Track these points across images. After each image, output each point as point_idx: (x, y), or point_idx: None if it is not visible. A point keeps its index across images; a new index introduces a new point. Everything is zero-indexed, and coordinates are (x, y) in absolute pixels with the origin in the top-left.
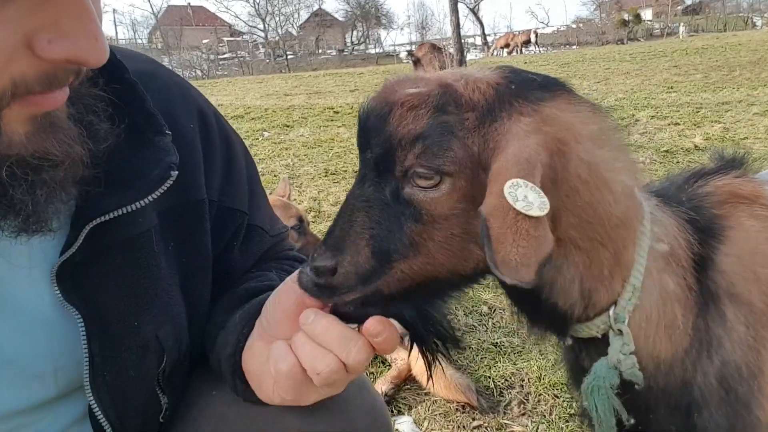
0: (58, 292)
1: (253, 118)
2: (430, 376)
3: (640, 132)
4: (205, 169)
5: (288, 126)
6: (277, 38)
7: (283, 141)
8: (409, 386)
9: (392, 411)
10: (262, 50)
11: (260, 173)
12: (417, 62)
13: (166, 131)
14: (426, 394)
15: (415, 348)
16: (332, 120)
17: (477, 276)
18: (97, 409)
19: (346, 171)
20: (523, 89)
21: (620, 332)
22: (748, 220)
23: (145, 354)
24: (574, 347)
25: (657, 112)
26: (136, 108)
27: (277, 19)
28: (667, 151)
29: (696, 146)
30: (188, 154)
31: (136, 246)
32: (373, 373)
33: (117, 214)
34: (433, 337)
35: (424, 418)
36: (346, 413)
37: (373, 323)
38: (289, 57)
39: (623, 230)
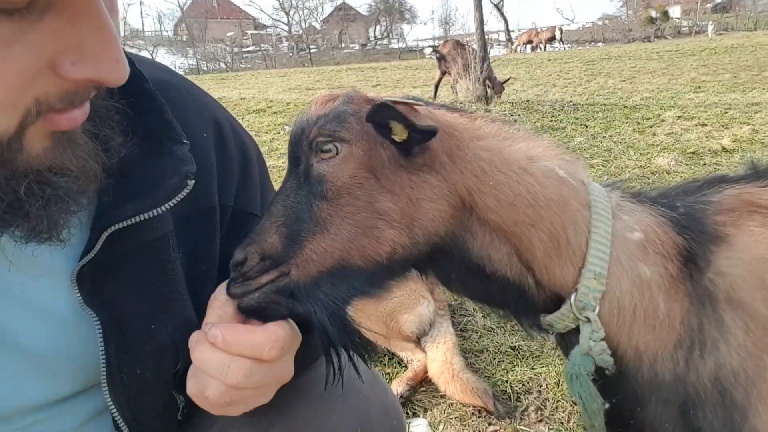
0: (78, 294)
1: (275, 112)
2: (333, 383)
3: (665, 133)
4: (220, 175)
5: None
6: (300, 32)
7: None
8: (425, 388)
9: (407, 413)
10: (285, 44)
11: (281, 168)
12: (441, 58)
13: (184, 141)
14: (442, 396)
15: (432, 350)
16: None
17: (397, 266)
18: (114, 408)
19: None
20: (418, 101)
21: (588, 320)
22: (759, 228)
23: (162, 357)
24: (562, 345)
25: (684, 113)
26: (155, 117)
27: (301, 12)
28: (693, 153)
29: (724, 148)
30: (200, 163)
31: (153, 251)
32: (389, 374)
33: (134, 221)
34: (345, 340)
35: (440, 421)
36: (359, 406)
37: (230, 332)
38: (312, 51)
39: (557, 210)
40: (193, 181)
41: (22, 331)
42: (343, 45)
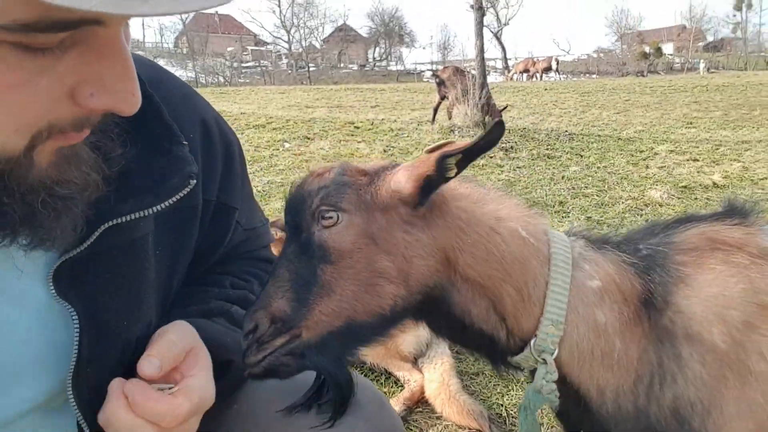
0: (52, 287)
1: (274, 128)
2: (332, 423)
3: (658, 166)
4: (205, 173)
5: (308, 138)
6: (300, 50)
7: (303, 153)
8: (421, 409)
9: None
10: (284, 61)
11: (279, 184)
12: (441, 83)
13: (183, 141)
14: (438, 417)
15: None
16: (353, 135)
17: (398, 315)
18: (73, 402)
19: None
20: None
21: (544, 361)
22: (720, 265)
23: (126, 353)
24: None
25: (676, 147)
26: (154, 119)
27: (302, 31)
28: (685, 187)
29: (715, 183)
30: None
31: (134, 249)
32: (386, 392)
33: (132, 217)
34: (352, 386)
35: None
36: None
37: (141, 396)
38: (311, 69)
39: (520, 268)
40: (195, 181)
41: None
42: (341, 65)
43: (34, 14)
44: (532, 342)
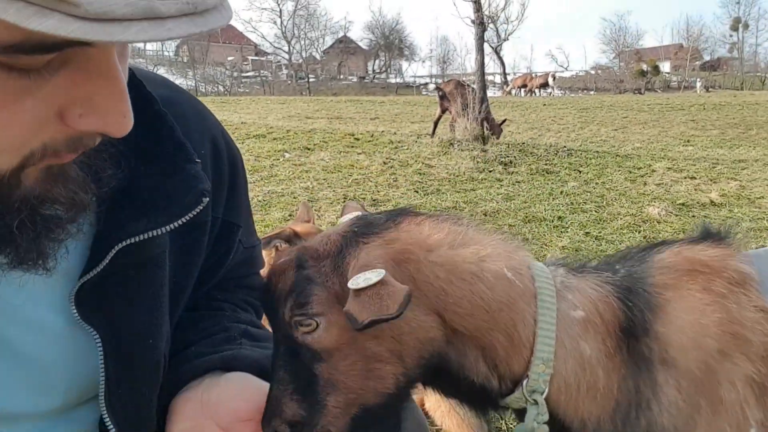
0: (74, 311)
1: (275, 138)
2: None
3: (656, 183)
4: (215, 188)
5: (309, 149)
6: (300, 61)
7: (304, 163)
8: None
9: None
10: (285, 71)
11: (280, 194)
12: (443, 97)
13: (196, 159)
14: (438, 430)
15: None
16: (352, 146)
17: (406, 388)
18: (110, 423)
19: (364, 198)
20: (366, 229)
21: (535, 402)
22: (698, 293)
23: (156, 371)
24: (519, 416)
25: (673, 165)
26: (167, 138)
27: (303, 42)
28: (683, 204)
29: (712, 201)
30: None
31: (151, 267)
32: None
33: (146, 236)
34: None
35: None
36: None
37: None
38: (310, 80)
39: (507, 312)
40: (208, 199)
41: (17, 341)
42: (341, 76)
43: (17, 37)
44: (524, 383)
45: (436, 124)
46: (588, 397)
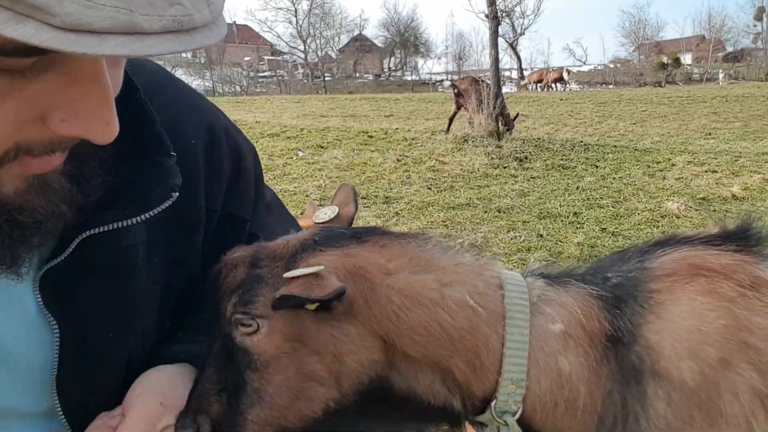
0: (39, 298)
1: (288, 137)
2: None
3: (676, 177)
4: (208, 182)
5: (322, 147)
6: (316, 60)
7: (317, 162)
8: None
9: None
10: (300, 70)
11: (293, 192)
12: (459, 94)
13: (171, 153)
14: None
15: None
16: (366, 144)
17: (332, 415)
18: (61, 411)
19: (377, 196)
20: (329, 240)
21: (506, 423)
22: (700, 296)
23: (117, 366)
24: None
25: (694, 158)
26: (145, 129)
27: (318, 41)
28: (703, 198)
29: (734, 195)
30: (188, 171)
31: (121, 260)
32: None
33: (110, 227)
34: None
35: None
36: None
37: None
38: (326, 79)
39: (470, 339)
40: (178, 194)
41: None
42: (357, 74)
43: None
44: (492, 404)
45: (451, 120)
46: (567, 415)
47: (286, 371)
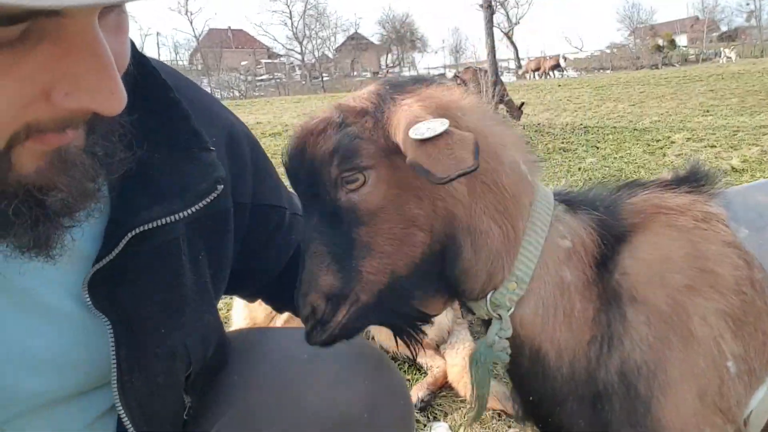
0: (87, 298)
1: (290, 136)
2: (415, 358)
3: (675, 154)
4: (234, 176)
5: None
6: (313, 60)
7: None
8: (445, 393)
9: (428, 417)
10: (298, 72)
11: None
12: (463, 83)
13: (211, 147)
14: (462, 401)
15: (452, 356)
16: None
17: (428, 265)
18: (122, 410)
19: None
20: (399, 87)
21: (500, 317)
22: (664, 229)
23: (173, 361)
24: (484, 330)
25: (693, 135)
26: (181, 125)
27: (314, 42)
28: None
29: (733, 168)
30: None
31: (165, 255)
32: (409, 380)
33: (159, 223)
34: (412, 333)
35: (460, 425)
36: (366, 389)
37: None
38: (324, 79)
39: (514, 205)
40: (222, 186)
41: (25, 329)
42: (355, 73)
43: None
44: (489, 295)
45: None
46: (564, 324)
47: (393, 218)
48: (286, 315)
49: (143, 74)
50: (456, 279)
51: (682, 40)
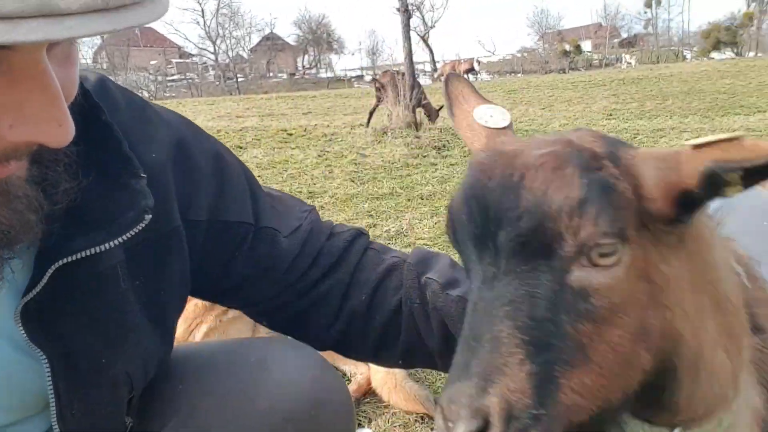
0: (22, 331)
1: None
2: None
3: None
4: (183, 194)
5: (241, 147)
6: (227, 61)
7: None
8: (369, 399)
9: None
10: (212, 72)
11: None
12: (381, 87)
13: (142, 174)
14: (386, 406)
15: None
16: (286, 142)
17: (638, 394)
18: None
19: (300, 192)
20: (613, 141)
21: None
22: None
23: (115, 390)
24: None
25: None
26: (113, 151)
27: (228, 42)
28: None
29: None
30: (155, 188)
31: (102, 284)
32: None
33: (85, 254)
34: None
35: (384, 430)
36: (312, 394)
37: None
38: (239, 80)
39: (737, 320)
40: (151, 216)
41: None
42: (271, 74)
43: None
44: (723, 420)
45: (371, 114)
46: None
47: (627, 324)
48: (205, 327)
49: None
50: (662, 409)
51: (586, 46)
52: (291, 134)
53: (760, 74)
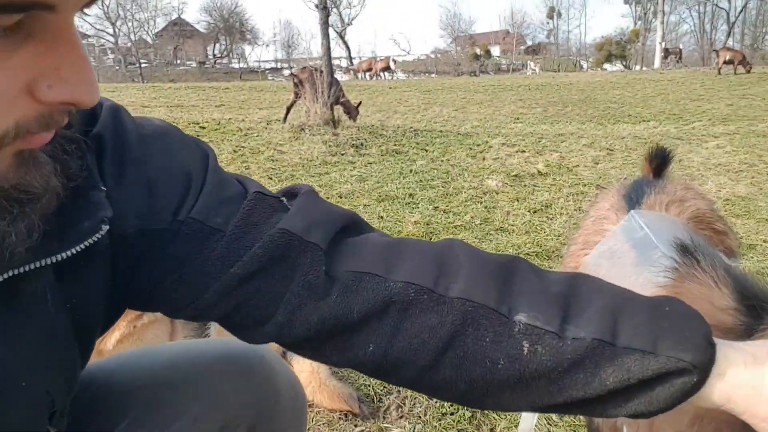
0: None
1: None
2: None
3: (493, 158)
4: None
5: None
6: (129, 44)
7: None
8: None
9: None
10: (111, 56)
11: None
12: (299, 83)
13: (102, 187)
14: (310, 405)
15: (299, 362)
16: (198, 135)
17: None
18: None
19: None
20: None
21: None
22: None
23: (34, 409)
24: None
25: (507, 140)
26: (75, 160)
27: (130, 24)
28: (516, 176)
29: (539, 171)
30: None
31: (25, 304)
32: None
33: (32, 267)
34: None
35: (308, 429)
36: (272, 385)
37: None
38: (143, 65)
39: None
40: (108, 227)
41: None
42: (179, 61)
43: None
44: None
45: (288, 110)
46: None
47: None
48: (118, 334)
49: None
50: None
51: (496, 51)
52: (204, 128)
53: (645, 87)
